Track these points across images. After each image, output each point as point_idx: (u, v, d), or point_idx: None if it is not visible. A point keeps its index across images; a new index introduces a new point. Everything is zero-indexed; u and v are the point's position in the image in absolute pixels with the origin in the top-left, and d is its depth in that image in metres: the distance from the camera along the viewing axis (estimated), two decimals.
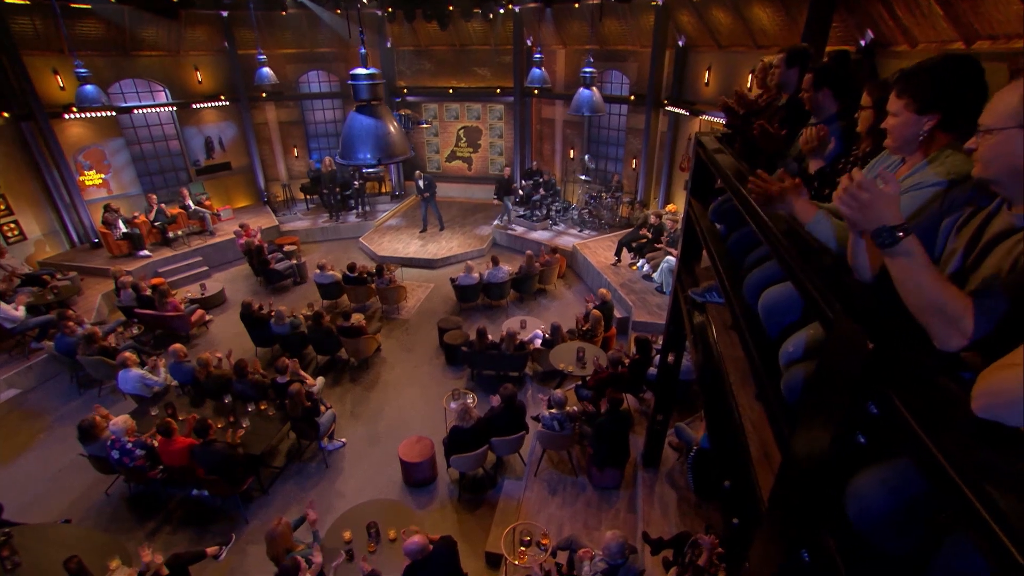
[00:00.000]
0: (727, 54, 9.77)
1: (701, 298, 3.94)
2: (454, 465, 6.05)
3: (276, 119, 14.16)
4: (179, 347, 6.99)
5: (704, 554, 4.01)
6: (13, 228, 10.58)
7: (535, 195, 13.18)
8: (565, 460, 6.33)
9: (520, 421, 6.25)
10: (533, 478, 6.13)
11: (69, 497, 6.24)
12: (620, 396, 5.57)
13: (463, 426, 5.86)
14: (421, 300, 10.56)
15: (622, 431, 5.62)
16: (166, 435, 5.54)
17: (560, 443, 5.97)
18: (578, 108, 6.75)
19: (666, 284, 9.26)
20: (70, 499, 6.21)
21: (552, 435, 5.85)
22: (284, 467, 6.63)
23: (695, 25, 10.18)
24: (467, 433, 5.90)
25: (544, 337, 8.13)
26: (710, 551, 3.89)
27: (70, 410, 7.59)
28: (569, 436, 5.86)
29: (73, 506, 6.10)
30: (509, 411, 6.17)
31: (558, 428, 5.76)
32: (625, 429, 5.64)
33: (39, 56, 10.40)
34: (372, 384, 8.21)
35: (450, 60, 13.85)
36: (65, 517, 5.87)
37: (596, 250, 11.38)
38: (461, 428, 5.89)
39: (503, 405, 6.16)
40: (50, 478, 6.51)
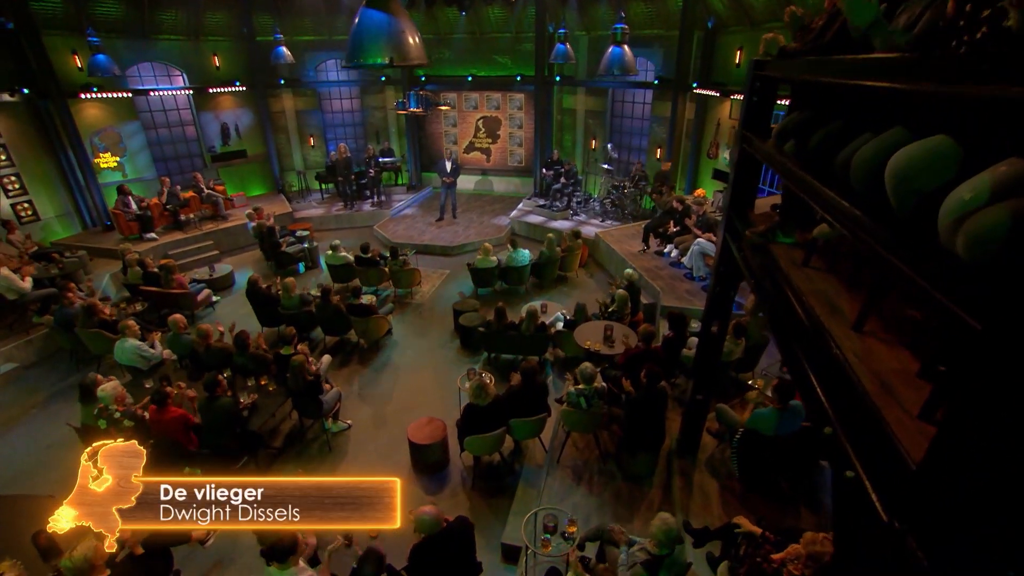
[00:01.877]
0: (761, 31, 9.15)
1: (765, 239, 3.32)
2: (468, 448, 5.43)
3: (293, 107, 13.87)
4: (179, 317, 6.52)
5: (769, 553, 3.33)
6: (27, 208, 10.35)
7: (556, 184, 12.63)
8: (591, 445, 5.66)
9: (541, 401, 5.62)
10: (555, 464, 5.47)
11: (56, 473, 5.74)
12: (658, 370, 4.91)
13: (479, 404, 5.25)
14: (436, 286, 10.02)
15: (658, 410, 4.95)
16: (160, 403, 5.04)
17: (587, 423, 5.32)
18: (608, 67, 6.18)
19: (697, 268, 8.60)
20: (57, 475, 5.70)
21: (579, 414, 5.20)
22: (284, 448, 6.08)
23: (727, 3, 9.62)
24: (483, 412, 5.28)
25: (567, 319, 7.51)
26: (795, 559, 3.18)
27: (67, 387, 7.14)
28: (597, 415, 5.20)
29: (59, 483, 5.54)
30: (530, 389, 5.54)
31: (585, 406, 5.12)
32: (662, 408, 4.98)
33: (59, 36, 10.21)
34: (382, 366, 7.66)
35: (470, 48, 13.45)
36: (49, 493, 5.37)
37: (620, 238, 10.75)
38: (477, 406, 5.28)
39: (523, 383, 5.55)
40: (39, 453, 6.06)
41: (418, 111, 10.33)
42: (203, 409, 5.18)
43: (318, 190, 13.89)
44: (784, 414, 4.51)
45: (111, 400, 5.08)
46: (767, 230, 3.36)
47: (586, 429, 5.45)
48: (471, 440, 5.32)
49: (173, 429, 5.11)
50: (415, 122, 14.26)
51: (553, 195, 12.81)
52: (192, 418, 5.22)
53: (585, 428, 5.42)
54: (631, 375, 5.66)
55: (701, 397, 5.07)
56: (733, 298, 4.54)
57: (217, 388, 5.20)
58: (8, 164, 9.97)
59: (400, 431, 6.22)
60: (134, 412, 5.19)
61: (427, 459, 5.72)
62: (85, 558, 3.30)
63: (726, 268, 4.31)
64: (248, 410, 5.53)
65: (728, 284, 4.41)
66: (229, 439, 5.23)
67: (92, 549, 3.37)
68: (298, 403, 5.97)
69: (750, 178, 3.97)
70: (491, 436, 5.32)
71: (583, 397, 5.09)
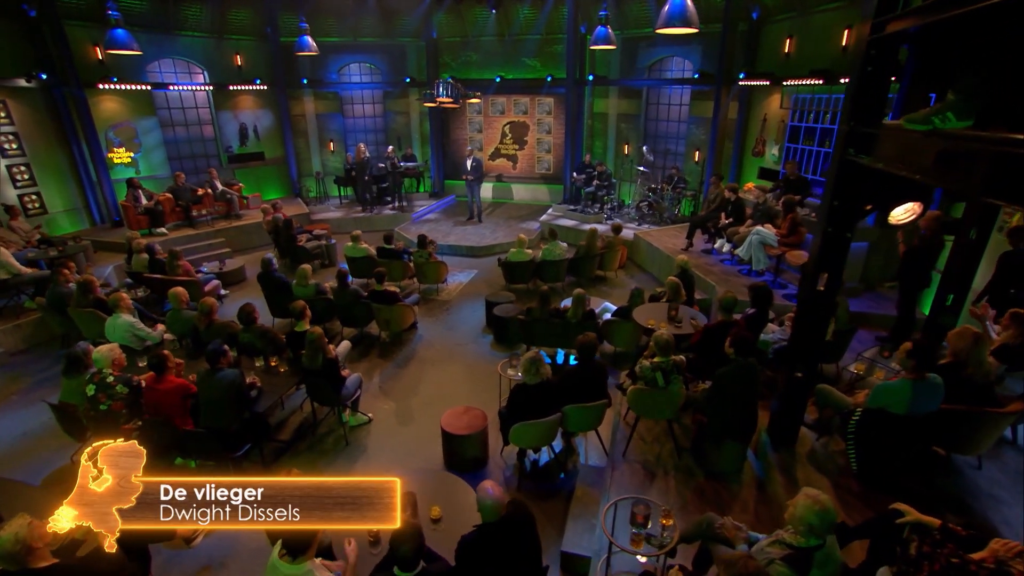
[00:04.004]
0: (813, 17, 8.68)
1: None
2: (514, 439, 4.57)
3: (314, 111, 13.63)
4: (181, 291, 5.86)
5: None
6: (35, 200, 9.96)
7: (588, 187, 12.06)
8: (661, 437, 4.77)
9: (600, 385, 4.79)
10: (621, 460, 4.57)
11: (27, 462, 5.00)
12: (749, 335, 4.08)
13: (530, 383, 4.43)
14: (463, 284, 9.32)
15: (750, 387, 4.08)
16: (159, 370, 4.33)
17: (663, 406, 4.45)
18: (668, 21, 5.64)
19: (757, 260, 7.80)
20: (28, 464, 4.96)
21: (654, 395, 4.34)
22: (293, 442, 5.25)
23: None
24: (535, 394, 4.45)
25: (617, 308, 6.72)
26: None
27: (52, 375, 6.44)
28: (676, 396, 4.34)
29: (30, 471, 4.82)
30: (587, 369, 4.72)
31: (662, 383, 4.26)
32: (755, 385, 4.11)
33: (81, 27, 10.08)
34: (406, 360, 6.87)
35: (497, 50, 13.21)
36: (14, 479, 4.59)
37: (660, 238, 10.03)
38: (527, 386, 4.46)
39: (580, 361, 4.74)
40: (12, 440, 5.31)
41: (449, 101, 9.89)
42: (203, 383, 4.43)
43: (336, 196, 13.44)
44: (920, 386, 3.63)
45: (107, 363, 4.41)
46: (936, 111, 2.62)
47: (661, 414, 4.56)
48: (519, 429, 4.47)
49: (169, 403, 4.36)
50: (439, 128, 13.93)
51: (586, 199, 12.22)
52: (192, 387, 4.46)
53: (660, 412, 4.54)
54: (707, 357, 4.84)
55: (801, 374, 4.20)
56: (849, 243, 3.75)
57: (221, 358, 4.46)
58: (19, 153, 9.63)
59: (428, 426, 5.44)
60: (129, 379, 4.48)
61: (464, 453, 4.86)
62: (16, 538, 2.53)
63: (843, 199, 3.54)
64: (255, 391, 4.76)
65: (844, 220, 3.63)
66: (231, 419, 4.44)
67: (25, 527, 2.61)
68: (313, 387, 5.18)
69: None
70: (543, 423, 4.47)
71: (660, 371, 4.24)
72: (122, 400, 4.46)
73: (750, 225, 8.20)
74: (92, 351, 4.78)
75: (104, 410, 4.41)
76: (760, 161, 10.54)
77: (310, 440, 5.30)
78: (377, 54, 13.54)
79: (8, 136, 9.45)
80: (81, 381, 4.61)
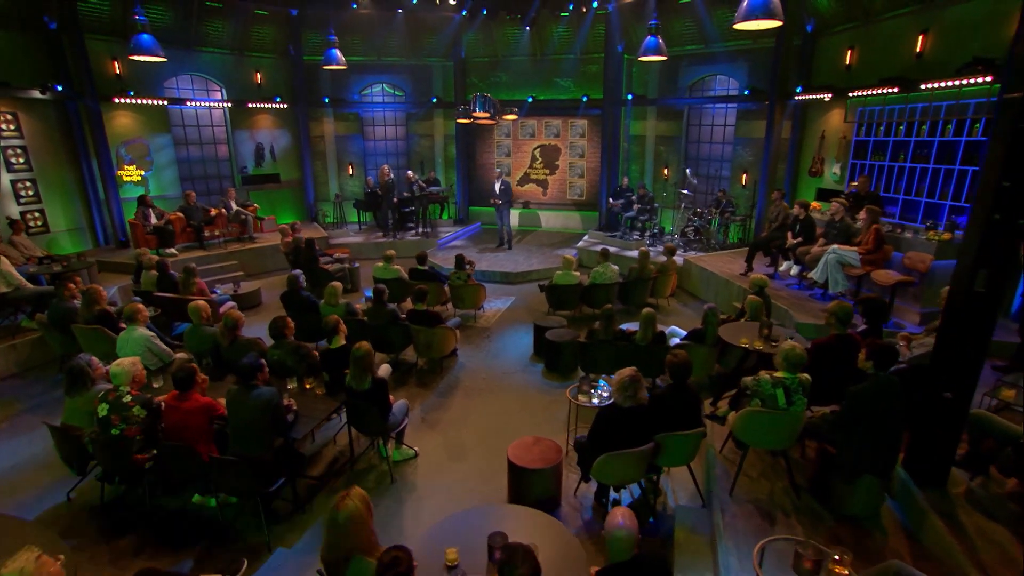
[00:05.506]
0: (879, 25, 8.57)
1: None
2: (598, 474, 4.04)
3: (333, 132, 13.63)
4: (203, 304, 5.47)
5: None
6: (38, 218, 9.77)
7: (629, 212, 11.80)
8: (769, 472, 4.22)
9: (695, 412, 4.28)
10: (728, 499, 4.01)
11: (17, 498, 4.47)
12: (890, 346, 3.60)
13: (623, 406, 3.93)
14: (501, 311, 8.89)
15: (892, 410, 3.56)
16: (184, 385, 3.87)
17: (782, 433, 3.91)
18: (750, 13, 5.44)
19: (834, 282, 7.35)
20: (18, 500, 4.44)
21: (771, 419, 3.82)
22: (327, 479, 4.72)
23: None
24: (626, 418, 3.95)
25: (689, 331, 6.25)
26: None
27: (47, 401, 6.03)
28: (797, 419, 3.81)
29: (21, 509, 4.30)
30: (681, 393, 4.23)
31: (783, 404, 3.75)
32: (900, 406, 3.59)
33: (101, 41, 10.18)
34: (448, 389, 6.37)
35: (528, 71, 13.28)
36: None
37: (714, 263, 9.64)
38: (618, 409, 3.96)
39: (673, 383, 4.25)
40: (1, 473, 4.79)
41: (485, 116, 9.76)
42: (233, 402, 3.96)
43: (355, 221, 13.23)
44: None
45: (126, 378, 3.97)
46: None
47: (775, 442, 4.02)
48: (605, 461, 3.93)
49: (194, 425, 3.88)
50: (465, 151, 13.86)
51: (625, 224, 11.93)
52: (220, 407, 3.99)
53: (774, 439, 4.00)
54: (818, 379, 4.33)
55: (951, 395, 3.69)
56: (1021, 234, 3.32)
57: (258, 374, 4.02)
58: (25, 168, 9.51)
59: (485, 461, 4.93)
60: (149, 400, 4.02)
61: (535, 491, 4.31)
62: (23, 574, 2.06)
63: (1017, 178, 3.15)
64: (291, 414, 4.28)
65: (1018, 204, 3.22)
66: (265, 446, 3.94)
67: (33, 561, 2.16)
68: (356, 413, 4.68)
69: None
70: (634, 454, 3.93)
71: (781, 389, 3.73)
72: (138, 424, 3.99)
73: (822, 244, 7.81)
74: (97, 363, 4.37)
75: (116, 435, 3.92)
76: (818, 181, 10.26)
77: (348, 476, 4.76)
78: (402, 74, 13.64)
79: (16, 150, 9.34)
80: (87, 399, 4.16)
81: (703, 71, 12.05)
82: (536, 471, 4.27)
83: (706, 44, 11.51)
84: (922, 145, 7.74)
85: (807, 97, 9.68)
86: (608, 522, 2.50)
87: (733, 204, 11.41)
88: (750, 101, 11.14)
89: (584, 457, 4.24)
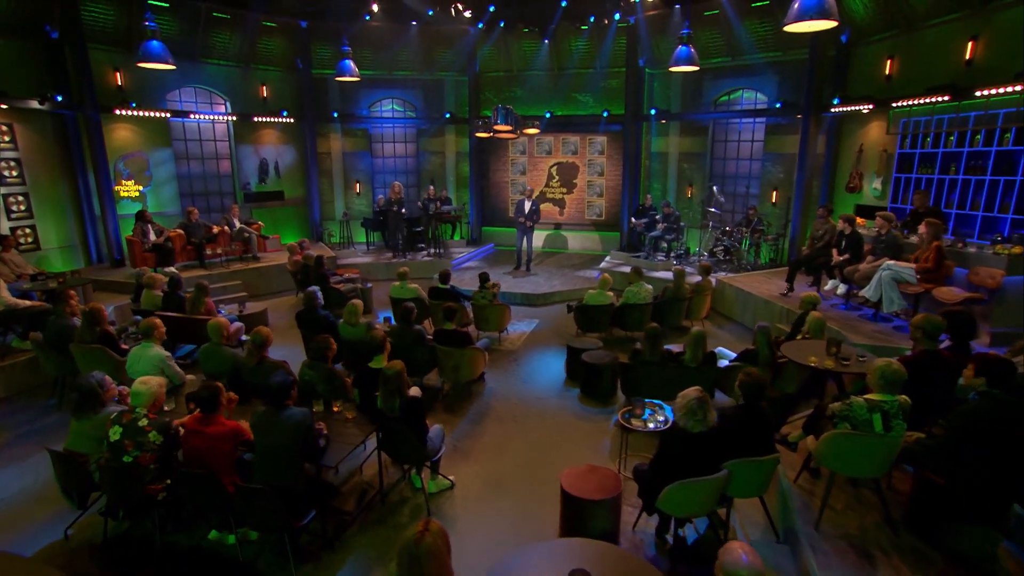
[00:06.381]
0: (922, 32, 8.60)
1: None
2: (666, 505, 3.78)
3: (340, 149, 13.63)
4: (223, 321, 5.27)
5: None
6: (28, 235, 9.62)
7: (653, 231, 11.70)
8: (855, 500, 3.96)
9: (767, 436, 4.05)
10: (815, 535, 3.73)
11: (8, 535, 4.17)
12: (1007, 360, 3.39)
13: (692, 430, 3.68)
14: (526, 334, 8.67)
15: (1014, 434, 3.33)
16: (209, 407, 3.65)
17: (876, 459, 3.65)
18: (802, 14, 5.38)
19: (889, 301, 7.16)
20: (9, 538, 4.14)
21: (865, 443, 3.57)
22: (357, 513, 4.44)
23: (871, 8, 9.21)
24: (697, 443, 3.70)
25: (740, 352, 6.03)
26: None
27: (39, 429, 5.76)
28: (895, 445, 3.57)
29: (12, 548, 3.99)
30: (755, 415, 4.00)
31: (880, 429, 3.50)
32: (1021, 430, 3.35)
33: (103, 51, 10.22)
34: (480, 416, 6.12)
35: (546, 85, 13.37)
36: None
37: (750, 283, 9.47)
38: (686, 434, 3.71)
39: (745, 404, 4.02)
40: None
41: (507, 130, 9.71)
42: (262, 425, 3.72)
43: (363, 242, 13.10)
44: None
45: (147, 400, 3.73)
46: None
47: (868, 469, 3.76)
48: (674, 491, 3.68)
49: (219, 451, 3.63)
50: (478, 169, 13.85)
51: (650, 244, 11.81)
52: (247, 432, 3.74)
53: (867, 467, 3.74)
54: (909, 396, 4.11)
55: None
56: None
57: (289, 396, 3.79)
58: (19, 181, 9.42)
59: (530, 492, 4.69)
60: (167, 424, 3.77)
61: (593, 524, 4.02)
62: None
63: None
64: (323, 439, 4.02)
65: None
66: (296, 474, 3.68)
67: None
68: (390, 438, 4.43)
69: None
70: (707, 483, 3.68)
71: (879, 413, 3.50)
72: (153, 452, 3.73)
73: (872, 261, 7.65)
74: (110, 383, 4.13)
75: (128, 463, 3.66)
76: (857, 197, 10.18)
77: (380, 511, 4.48)
78: (413, 89, 13.72)
79: (10, 162, 9.26)
80: (97, 423, 3.91)
81: (728, 85, 12.12)
82: (595, 503, 3.99)
83: (732, 57, 11.60)
84: (976, 156, 7.65)
85: (844, 109, 9.67)
86: (727, 556, 2.26)
87: (764, 223, 11.33)
88: (781, 115, 11.15)
89: (646, 487, 3.99)
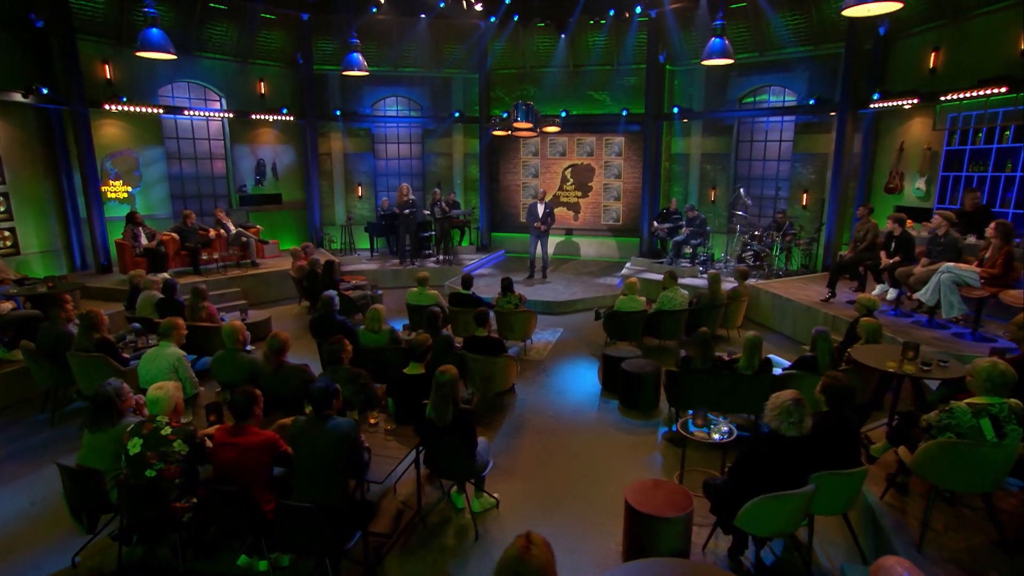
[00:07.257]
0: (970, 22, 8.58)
1: None
2: (747, 523, 3.58)
3: (342, 150, 13.49)
4: (239, 325, 5.05)
5: None
6: (7, 238, 9.37)
7: (677, 237, 11.59)
8: (955, 519, 3.78)
9: (855, 446, 3.89)
10: (920, 558, 3.55)
11: (6, 564, 3.91)
12: None
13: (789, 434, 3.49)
14: (551, 343, 8.50)
15: None
16: (243, 415, 3.45)
17: (988, 471, 3.48)
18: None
19: (948, 307, 7.03)
20: (9, 567, 3.88)
21: (975, 452, 3.40)
22: (397, 535, 4.21)
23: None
24: (791, 450, 3.52)
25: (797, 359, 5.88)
26: None
27: (29, 447, 5.49)
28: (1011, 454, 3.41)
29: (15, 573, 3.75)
30: (838, 425, 3.83)
31: (992, 436, 3.34)
32: None
33: (91, 42, 10.07)
34: (515, 430, 5.92)
35: (560, 83, 13.32)
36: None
37: (787, 289, 9.36)
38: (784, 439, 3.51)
39: (832, 412, 3.87)
40: None
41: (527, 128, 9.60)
42: (302, 436, 3.51)
43: (366, 248, 12.92)
44: None
45: (166, 406, 3.51)
46: None
47: (977, 483, 3.59)
48: (759, 506, 3.49)
49: (254, 464, 3.40)
50: (488, 172, 13.74)
51: (674, 249, 11.70)
52: (284, 444, 3.52)
53: (977, 481, 3.57)
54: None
55: None
56: None
57: (331, 404, 3.59)
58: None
59: (582, 511, 4.50)
60: (192, 432, 3.54)
61: (662, 544, 3.82)
62: None
63: None
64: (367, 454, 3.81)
65: None
66: (340, 491, 3.46)
67: None
68: (437, 451, 4.22)
69: None
70: (795, 496, 3.49)
71: (987, 418, 3.34)
72: (179, 463, 3.50)
73: (928, 264, 7.55)
74: (127, 391, 3.92)
75: (151, 477, 3.43)
76: (897, 198, 10.13)
77: (422, 532, 4.25)
78: (420, 87, 13.64)
79: None
80: (115, 435, 3.69)
81: (755, 82, 12.12)
82: (667, 520, 3.79)
83: (761, 52, 11.60)
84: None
85: (885, 105, 9.63)
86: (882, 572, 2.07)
87: (795, 226, 11.25)
88: (814, 113, 11.12)
89: (722, 503, 3.80)
